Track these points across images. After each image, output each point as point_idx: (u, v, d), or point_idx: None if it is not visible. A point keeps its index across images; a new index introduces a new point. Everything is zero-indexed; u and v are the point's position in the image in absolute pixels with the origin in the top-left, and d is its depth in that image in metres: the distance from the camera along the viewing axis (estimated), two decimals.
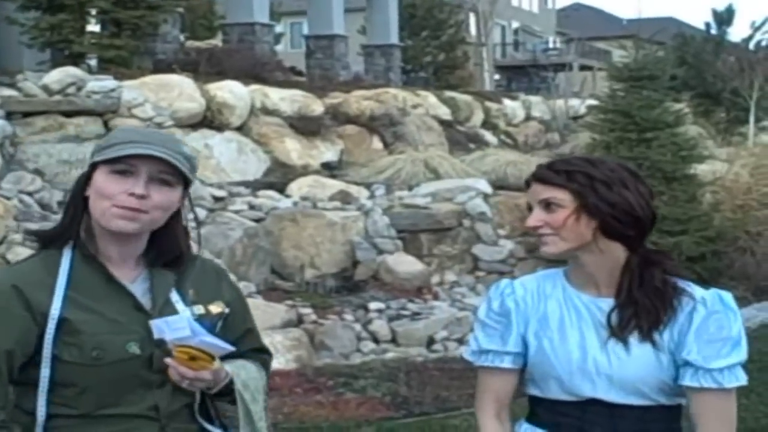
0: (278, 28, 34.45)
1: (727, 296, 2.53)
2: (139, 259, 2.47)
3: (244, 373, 2.55)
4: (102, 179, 2.36)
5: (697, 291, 2.51)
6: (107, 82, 12.36)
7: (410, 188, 13.90)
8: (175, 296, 2.46)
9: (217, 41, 24.96)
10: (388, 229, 11.86)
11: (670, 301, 2.48)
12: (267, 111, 16.87)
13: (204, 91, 15.56)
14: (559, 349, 2.53)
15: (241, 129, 15.88)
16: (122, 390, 2.36)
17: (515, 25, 55.84)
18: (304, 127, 17.00)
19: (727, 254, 11.34)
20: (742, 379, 2.48)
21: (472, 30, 38.95)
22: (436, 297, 11.13)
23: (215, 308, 2.49)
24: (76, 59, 16.89)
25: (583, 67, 45.10)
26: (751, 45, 34.63)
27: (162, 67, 18.17)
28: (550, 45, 51.21)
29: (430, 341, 9.80)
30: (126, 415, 2.37)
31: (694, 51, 35.14)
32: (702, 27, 38.51)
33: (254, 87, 17.23)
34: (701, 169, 12.56)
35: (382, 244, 11.66)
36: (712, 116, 30.68)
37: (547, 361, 2.54)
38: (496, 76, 43.18)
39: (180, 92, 14.95)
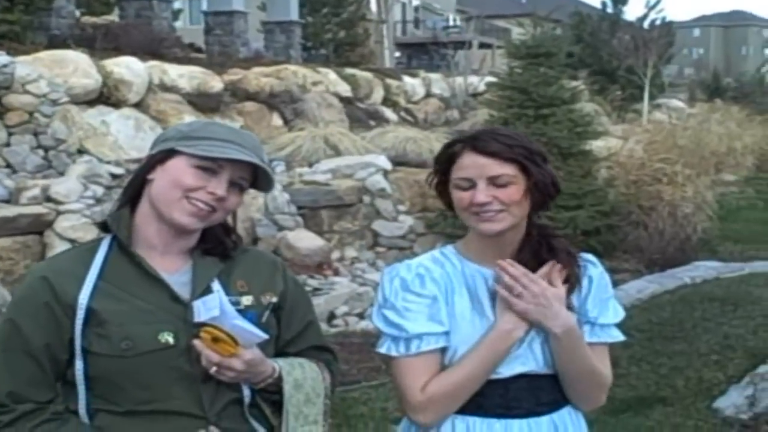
0: (176, 4, 33.93)
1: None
2: (187, 250, 2.38)
3: (299, 372, 2.40)
4: (182, 169, 2.28)
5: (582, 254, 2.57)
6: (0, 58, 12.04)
7: (310, 165, 13.87)
8: (216, 285, 2.34)
9: (113, 17, 24.50)
10: (288, 206, 11.82)
11: (578, 265, 2.49)
12: (165, 87, 16.68)
13: (100, 67, 15.30)
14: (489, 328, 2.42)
15: (138, 106, 15.66)
16: (162, 383, 2.24)
17: (415, 2, 55.93)
18: (203, 103, 16.87)
19: (621, 228, 11.58)
20: (620, 334, 2.59)
21: (373, 7, 38.87)
22: (336, 273, 11.15)
23: (265, 298, 2.39)
24: None
25: (482, 45, 45.39)
26: (646, 24, 35.34)
27: (57, 42, 17.80)
28: (450, 23, 51.43)
29: (331, 316, 9.81)
30: (171, 412, 2.25)
31: (590, 29, 35.77)
32: (598, 5, 39.20)
33: (152, 63, 17.03)
34: (596, 145, 12.79)
35: (282, 220, 11.62)
36: (608, 93, 31.27)
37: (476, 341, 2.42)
38: (397, 54, 43.24)
39: (75, 68, 14.67)
